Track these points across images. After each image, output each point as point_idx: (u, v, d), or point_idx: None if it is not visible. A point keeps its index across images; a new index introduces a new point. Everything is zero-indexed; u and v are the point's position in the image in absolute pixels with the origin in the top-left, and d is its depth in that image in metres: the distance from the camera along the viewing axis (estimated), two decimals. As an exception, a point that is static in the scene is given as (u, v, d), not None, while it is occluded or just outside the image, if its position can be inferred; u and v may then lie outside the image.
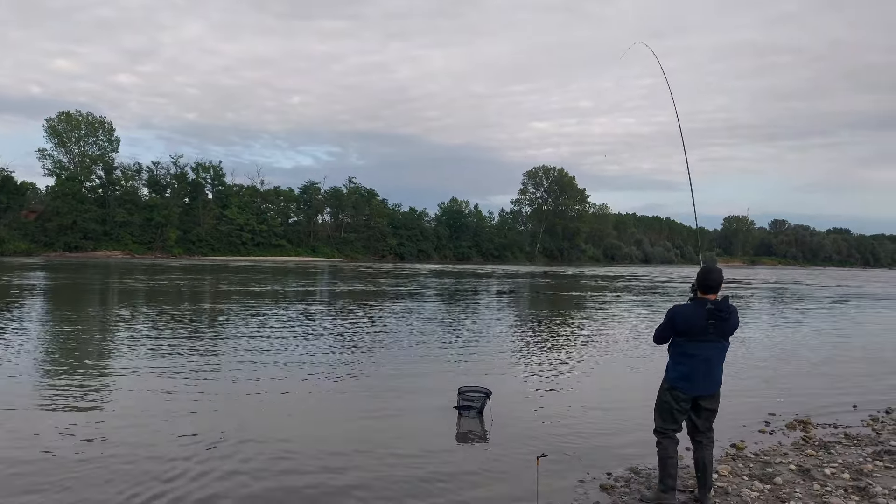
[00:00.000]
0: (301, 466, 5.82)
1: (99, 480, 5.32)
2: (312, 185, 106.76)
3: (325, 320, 17.93)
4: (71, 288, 28.32)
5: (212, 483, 5.32)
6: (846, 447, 6.83)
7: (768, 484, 5.55)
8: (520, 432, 7.07)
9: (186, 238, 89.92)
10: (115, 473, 5.47)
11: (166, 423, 7.07)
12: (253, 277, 40.03)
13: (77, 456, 5.91)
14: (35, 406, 7.77)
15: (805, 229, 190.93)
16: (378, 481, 5.49)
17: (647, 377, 9.99)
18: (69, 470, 5.54)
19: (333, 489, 5.31)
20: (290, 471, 5.71)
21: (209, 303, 22.84)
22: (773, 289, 43.87)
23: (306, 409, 7.90)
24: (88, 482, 5.28)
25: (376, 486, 5.39)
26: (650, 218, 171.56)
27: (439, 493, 5.31)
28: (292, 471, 5.71)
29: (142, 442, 6.35)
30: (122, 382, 9.14)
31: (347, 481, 5.47)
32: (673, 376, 5.02)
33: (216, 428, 6.88)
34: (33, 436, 6.48)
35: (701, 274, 4.97)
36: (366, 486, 5.37)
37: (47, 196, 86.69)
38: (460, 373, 10.30)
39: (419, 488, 5.38)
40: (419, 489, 5.36)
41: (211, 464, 5.77)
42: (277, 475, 5.58)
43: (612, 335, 16.20)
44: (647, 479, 5.63)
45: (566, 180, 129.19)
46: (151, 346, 12.30)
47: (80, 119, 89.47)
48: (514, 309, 25.21)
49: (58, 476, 5.40)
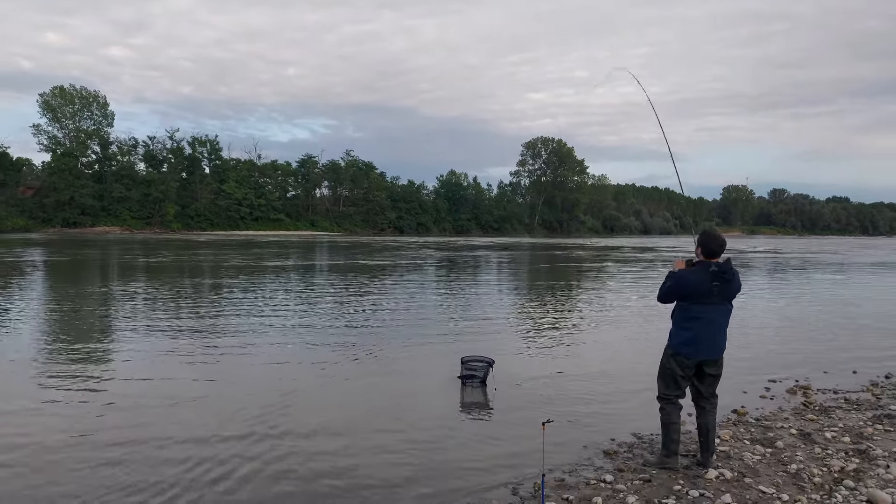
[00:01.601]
0: (306, 439, 5.87)
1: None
2: (310, 159, 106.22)
3: (326, 294, 17.97)
4: (88, 264, 28.32)
5: (216, 469, 5.37)
6: (846, 412, 6.89)
7: (770, 448, 5.61)
8: (523, 401, 7.13)
9: (185, 213, 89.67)
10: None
11: (172, 406, 7.12)
12: (264, 252, 40.05)
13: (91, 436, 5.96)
14: (39, 386, 7.81)
15: (804, 198, 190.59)
16: (380, 452, 5.54)
17: (650, 344, 10.05)
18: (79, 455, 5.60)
19: (334, 461, 5.36)
20: (295, 449, 5.76)
21: (211, 278, 22.87)
22: (802, 258, 43.95)
23: (310, 383, 7.95)
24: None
25: (379, 456, 5.45)
26: (649, 189, 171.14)
27: (444, 460, 5.37)
28: (297, 450, 5.76)
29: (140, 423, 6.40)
30: (152, 346, 9.19)
31: (348, 454, 5.52)
32: (676, 342, 5.04)
33: (223, 409, 6.94)
34: (35, 416, 6.53)
35: (703, 238, 4.98)
36: (366, 457, 5.42)
37: (44, 172, 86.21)
38: (463, 342, 10.36)
39: (423, 457, 5.44)
40: (423, 458, 5.42)
41: (217, 448, 5.83)
42: (284, 456, 5.64)
43: (615, 305, 16.26)
44: (649, 444, 5.69)
45: (565, 151, 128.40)
46: (171, 322, 12.35)
47: (74, 93, 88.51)
48: (515, 280, 25.27)
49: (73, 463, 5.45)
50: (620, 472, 5.04)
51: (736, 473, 4.97)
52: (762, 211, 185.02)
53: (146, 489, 4.65)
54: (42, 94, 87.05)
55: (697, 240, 5.05)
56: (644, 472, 5.02)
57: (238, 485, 4.78)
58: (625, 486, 4.74)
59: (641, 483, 4.79)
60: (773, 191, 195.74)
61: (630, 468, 5.10)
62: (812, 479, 4.90)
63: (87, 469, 5.02)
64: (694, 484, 4.77)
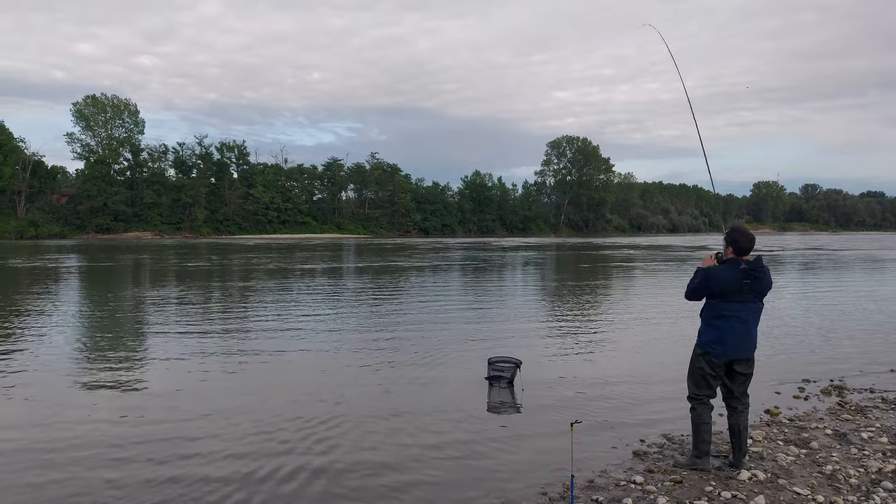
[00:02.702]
0: (332, 434, 5.94)
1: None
2: (335, 162, 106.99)
3: (355, 296, 18.11)
4: (127, 269, 28.97)
5: (245, 467, 5.46)
6: (883, 411, 6.74)
7: (804, 448, 5.51)
8: (551, 401, 7.11)
9: (214, 218, 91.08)
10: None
11: (199, 401, 7.25)
12: (304, 255, 40.50)
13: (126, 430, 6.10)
14: (76, 385, 8.02)
15: (837, 193, 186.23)
16: (410, 454, 5.57)
17: (679, 344, 9.94)
18: (120, 444, 5.74)
19: (364, 458, 5.41)
20: (328, 449, 5.83)
21: (242, 281, 23.20)
22: (835, 255, 43.05)
23: (337, 382, 8.03)
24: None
25: (407, 457, 5.48)
26: (677, 186, 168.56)
27: (472, 460, 5.38)
28: (330, 449, 5.83)
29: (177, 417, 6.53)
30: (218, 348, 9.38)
31: (380, 456, 5.57)
32: (706, 340, 4.98)
33: (247, 406, 7.05)
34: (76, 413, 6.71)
35: (734, 235, 4.92)
36: (394, 458, 5.46)
37: (77, 179, 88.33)
38: (489, 343, 10.35)
39: (451, 458, 5.46)
40: (451, 458, 5.44)
41: (238, 446, 5.92)
42: (318, 454, 5.71)
43: (642, 305, 16.10)
44: (680, 445, 5.64)
45: (590, 150, 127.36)
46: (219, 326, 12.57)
47: (106, 102, 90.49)
48: (541, 281, 25.16)
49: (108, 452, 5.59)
50: (651, 473, 5.00)
51: (769, 474, 4.90)
52: (793, 207, 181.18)
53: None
54: (75, 104, 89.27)
55: (726, 237, 4.99)
56: (675, 473, 4.97)
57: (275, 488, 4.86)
58: (655, 487, 4.70)
59: (672, 484, 4.75)
60: (805, 186, 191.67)
61: (660, 469, 5.06)
62: (848, 480, 4.80)
63: (130, 487, 5.15)
64: (726, 485, 4.71)
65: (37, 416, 6.53)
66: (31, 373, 8.42)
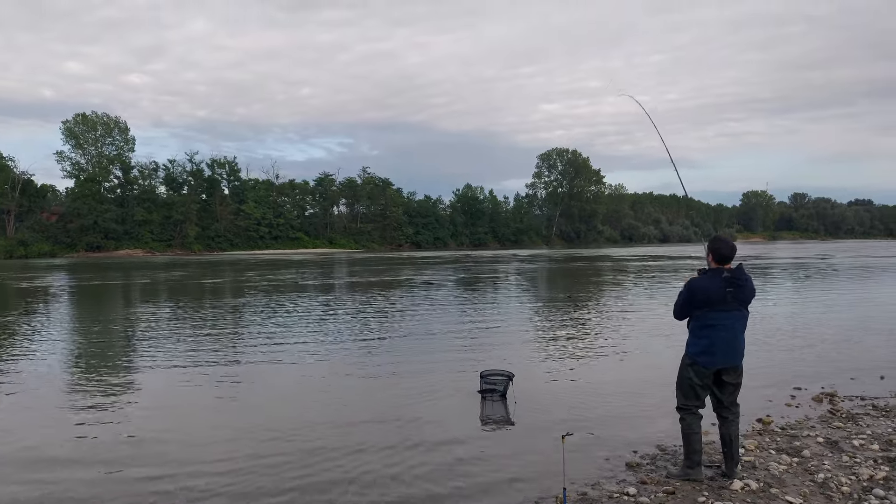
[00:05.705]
0: (328, 451, 5.89)
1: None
2: (327, 177, 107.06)
3: (347, 309, 18.05)
4: (117, 288, 28.77)
5: (235, 471, 5.42)
6: (874, 418, 6.76)
7: (796, 457, 5.52)
8: (543, 414, 7.10)
9: (205, 234, 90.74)
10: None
11: (202, 411, 7.19)
12: (295, 270, 40.37)
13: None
14: (66, 404, 7.94)
15: (826, 202, 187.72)
16: (401, 468, 5.54)
17: (669, 356, 9.94)
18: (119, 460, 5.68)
19: (357, 474, 5.37)
20: (315, 463, 5.79)
21: (232, 297, 23.11)
22: (824, 263, 43.31)
23: (329, 396, 7.98)
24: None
25: (399, 471, 5.45)
26: (668, 196, 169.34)
27: (465, 475, 5.35)
28: (319, 460, 5.79)
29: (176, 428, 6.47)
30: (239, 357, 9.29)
31: (371, 470, 5.53)
32: (693, 350, 5.00)
33: (242, 418, 7.00)
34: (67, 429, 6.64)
35: (715, 243, 4.96)
36: (386, 473, 5.42)
37: (67, 198, 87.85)
38: (481, 357, 10.33)
39: (443, 472, 5.43)
40: (443, 473, 5.41)
41: (236, 451, 5.88)
42: (301, 467, 5.66)
43: (632, 317, 16.13)
44: (673, 455, 5.63)
45: (581, 162, 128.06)
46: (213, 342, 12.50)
47: (96, 120, 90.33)
48: (533, 293, 25.18)
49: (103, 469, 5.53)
50: (644, 484, 4.99)
51: (762, 484, 4.90)
52: (783, 216, 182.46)
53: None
54: (65, 122, 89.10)
55: (708, 246, 5.03)
56: (668, 484, 4.96)
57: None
58: (648, 498, 4.69)
59: (665, 495, 4.74)
60: (794, 195, 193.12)
61: (653, 480, 5.04)
62: (840, 488, 4.81)
63: None
64: (719, 495, 4.70)
65: (25, 433, 6.46)
66: (18, 394, 8.33)
